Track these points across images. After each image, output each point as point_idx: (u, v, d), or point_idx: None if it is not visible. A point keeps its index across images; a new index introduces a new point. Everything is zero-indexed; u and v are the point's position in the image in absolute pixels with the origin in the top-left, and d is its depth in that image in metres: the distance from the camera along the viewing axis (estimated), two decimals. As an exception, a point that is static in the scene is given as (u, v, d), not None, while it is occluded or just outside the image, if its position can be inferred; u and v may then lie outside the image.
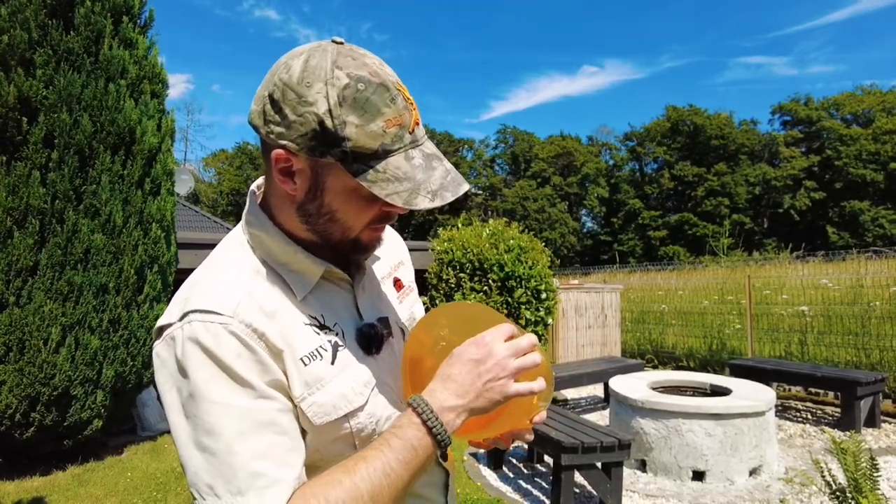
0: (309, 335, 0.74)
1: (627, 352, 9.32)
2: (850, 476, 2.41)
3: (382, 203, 0.71)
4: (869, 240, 36.53)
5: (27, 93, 4.30)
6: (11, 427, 4.19)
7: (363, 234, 0.77)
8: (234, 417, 0.65)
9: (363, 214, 0.74)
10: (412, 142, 0.70)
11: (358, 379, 0.77)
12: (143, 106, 4.94)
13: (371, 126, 0.67)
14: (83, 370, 4.37)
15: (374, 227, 0.77)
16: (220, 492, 0.64)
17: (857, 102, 43.04)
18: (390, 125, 0.68)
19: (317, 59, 0.69)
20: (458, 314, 0.83)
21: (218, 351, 0.66)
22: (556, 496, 3.44)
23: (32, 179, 4.25)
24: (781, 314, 7.73)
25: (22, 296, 4.21)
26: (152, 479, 4.31)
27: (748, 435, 3.97)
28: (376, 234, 0.80)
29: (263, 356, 0.69)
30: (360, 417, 0.76)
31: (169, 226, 5.14)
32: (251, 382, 0.67)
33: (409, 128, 0.70)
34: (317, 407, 0.72)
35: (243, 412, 0.66)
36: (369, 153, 0.68)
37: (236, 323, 0.68)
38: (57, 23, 4.46)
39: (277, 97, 0.69)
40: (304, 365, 0.72)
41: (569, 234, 48.72)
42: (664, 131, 48.30)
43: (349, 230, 0.75)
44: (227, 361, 0.66)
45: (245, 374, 0.67)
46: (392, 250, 1.00)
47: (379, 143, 0.67)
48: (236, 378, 0.66)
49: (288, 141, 0.68)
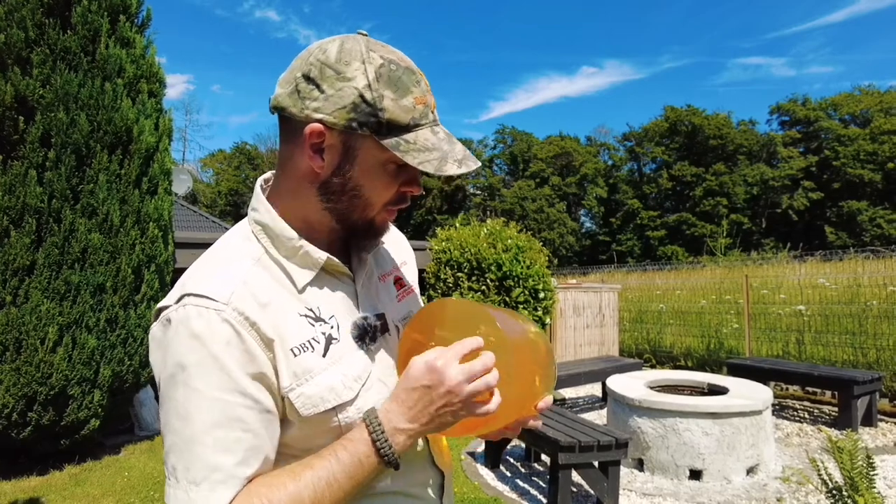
0: (303, 326, 0.75)
1: (625, 351, 9.33)
2: (846, 474, 2.42)
3: (402, 183, 0.77)
4: (866, 240, 36.59)
5: (24, 92, 4.29)
6: (8, 426, 4.19)
7: (379, 215, 0.79)
8: (208, 407, 0.66)
9: (385, 192, 0.77)
10: (434, 121, 0.76)
11: (349, 373, 0.76)
12: (140, 105, 4.94)
13: (404, 101, 0.72)
14: (80, 369, 4.37)
15: (389, 210, 0.80)
16: (179, 476, 0.67)
17: (855, 103, 43.09)
18: (418, 102, 0.73)
19: (350, 43, 0.74)
20: (450, 312, 0.81)
21: (207, 337, 0.67)
22: (554, 495, 3.44)
23: (29, 178, 4.24)
24: (779, 314, 7.74)
25: (19, 295, 4.21)
26: (150, 479, 4.31)
27: (745, 434, 3.98)
28: (389, 218, 0.82)
29: (252, 346, 0.69)
30: (348, 412, 0.75)
31: (166, 225, 5.13)
32: (232, 373, 0.67)
33: (431, 108, 0.76)
34: (304, 398, 0.72)
35: (216, 403, 0.67)
36: (402, 125, 0.72)
37: (229, 311, 0.69)
38: (54, 21, 4.45)
39: (315, 75, 0.72)
40: (294, 356, 0.72)
41: (567, 233, 48.73)
42: (662, 131, 48.33)
43: (370, 208, 0.78)
44: (215, 349, 0.67)
45: (228, 363, 0.67)
46: (397, 249, 1.00)
47: (410, 117, 0.73)
48: (219, 367, 0.67)
49: (325, 115, 0.72)
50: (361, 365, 0.79)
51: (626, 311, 9.86)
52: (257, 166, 50.19)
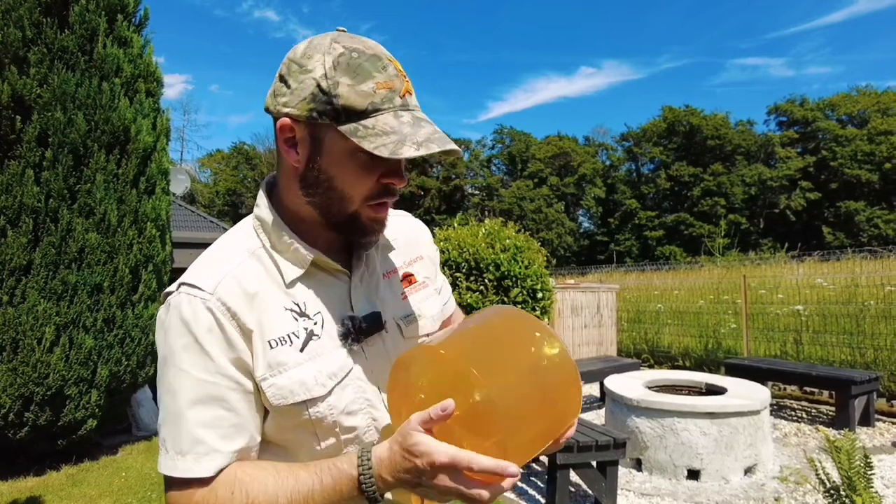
0: (286, 320, 0.77)
1: (623, 351, 9.33)
2: (844, 474, 2.42)
3: (380, 175, 0.75)
4: (864, 240, 36.68)
5: (21, 91, 4.28)
6: (5, 427, 4.17)
7: (363, 211, 0.77)
8: (191, 386, 0.72)
9: (359, 183, 0.75)
10: (402, 105, 0.73)
11: (324, 370, 0.77)
12: (137, 105, 4.93)
13: (361, 87, 0.71)
14: (77, 370, 4.35)
15: (374, 206, 0.78)
16: (168, 447, 0.73)
17: (853, 103, 43.19)
18: (380, 87, 0.72)
19: (318, 39, 0.76)
20: (433, 364, 0.69)
21: (193, 323, 0.73)
22: (552, 495, 3.43)
23: (26, 178, 4.23)
24: (777, 314, 7.75)
25: (15, 295, 4.19)
26: (147, 479, 4.30)
27: (743, 434, 3.98)
28: (377, 216, 0.79)
29: (232, 333, 0.74)
30: (319, 407, 0.77)
31: (164, 225, 5.12)
32: (214, 357, 0.73)
33: (399, 92, 0.73)
34: (275, 389, 0.75)
35: (200, 383, 0.72)
36: (359, 111, 0.71)
37: (214, 300, 0.74)
38: (51, 21, 4.44)
39: (284, 72, 0.75)
40: (271, 348, 0.75)
41: (565, 234, 48.77)
42: (661, 132, 48.39)
43: (347, 201, 0.76)
44: (198, 334, 0.72)
45: (210, 348, 0.73)
46: (412, 244, 0.99)
47: (368, 102, 0.71)
48: (202, 350, 0.72)
49: (291, 108, 0.74)
50: (339, 363, 0.79)
51: (624, 312, 9.86)
52: (255, 166, 50.13)
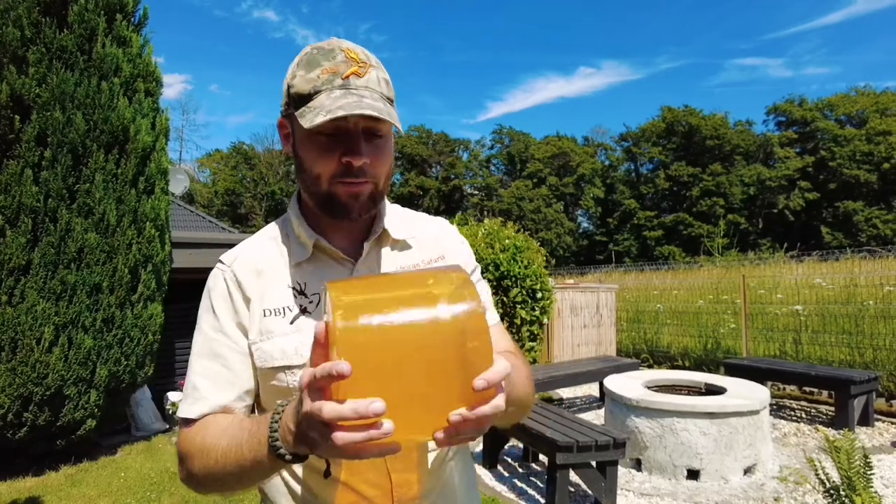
0: (286, 295, 0.87)
1: (623, 351, 9.34)
2: (843, 474, 2.42)
3: (340, 154, 0.80)
4: (863, 240, 36.71)
5: (20, 91, 4.27)
6: (4, 427, 4.17)
7: (335, 188, 0.82)
8: (201, 342, 0.87)
9: (322, 162, 0.81)
10: (342, 85, 0.79)
11: (307, 342, 0.80)
12: (136, 104, 4.92)
13: (309, 75, 0.80)
14: (76, 370, 4.35)
15: (345, 182, 0.81)
16: (183, 390, 0.89)
17: (851, 103, 43.22)
18: (325, 73, 0.79)
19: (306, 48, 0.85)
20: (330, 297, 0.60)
21: (213, 290, 0.89)
22: (552, 495, 3.43)
23: (25, 178, 4.22)
24: (776, 314, 7.76)
25: (14, 295, 4.19)
26: (146, 480, 4.29)
27: (743, 434, 3.98)
28: (351, 191, 0.82)
29: (237, 300, 0.87)
30: (296, 375, 0.83)
31: (163, 225, 5.12)
32: (221, 318, 0.86)
33: (341, 75, 0.79)
34: (261, 352, 0.85)
35: (207, 340, 0.86)
36: (305, 95, 0.80)
37: (229, 272, 0.88)
38: (50, 20, 4.44)
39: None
40: (264, 316, 0.85)
41: (564, 234, 48.78)
42: (659, 132, 48.40)
43: (318, 180, 0.83)
44: (213, 298, 0.88)
45: (220, 311, 0.86)
46: (433, 243, 0.98)
47: (311, 86, 0.79)
48: (214, 312, 0.87)
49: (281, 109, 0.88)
50: None
51: (623, 311, 9.87)
52: (254, 166, 50.10)
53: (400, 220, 0.96)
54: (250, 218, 48.29)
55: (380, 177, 0.85)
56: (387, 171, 0.86)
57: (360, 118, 0.78)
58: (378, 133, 0.82)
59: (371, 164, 0.81)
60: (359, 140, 0.80)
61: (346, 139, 0.79)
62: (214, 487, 0.79)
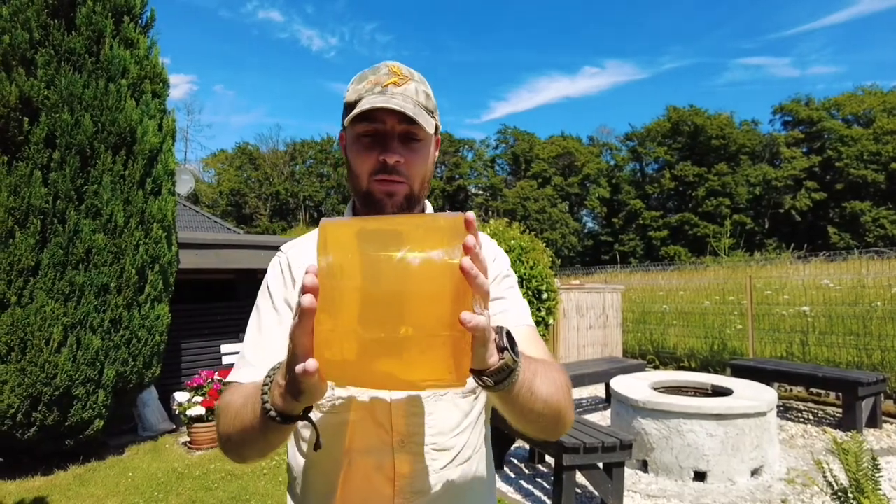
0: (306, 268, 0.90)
1: (628, 352, 9.32)
2: (851, 476, 2.41)
3: (378, 153, 0.88)
4: (870, 240, 36.51)
5: (29, 93, 4.30)
6: (13, 427, 4.20)
7: (373, 186, 0.90)
8: (256, 317, 0.98)
9: (364, 161, 0.90)
10: (381, 91, 0.89)
11: None
12: (144, 106, 4.95)
13: (359, 86, 0.91)
14: (84, 370, 4.38)
15: (380, 181, 0.90)
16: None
17: (858, 103, 42.97)
18: (369, 83, 0.90)
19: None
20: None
21: (270, 271, 1.01)
22: (558, 496, 3.43)
23: (34, 179, 4.25)
24: (783, 314, 7.72)
25: (24, 296, 4.22)
26: (153, 479, 4.31)
27: (749, 435, 3.97)
28: (386, 189, 0.90)
29: (288, 281, 0.97)
30: None
31: (170, 226, 5.14)
32: (273, 297, 0.96)
33: (382, 84, 0.89)
34: None
35: (260, 315, 0.97)
36: (352, 102, 0.91)
37: (283, 257, 1.01)
38: (58, 23, 4.46)
39: None
40: None
41: (570, 234, 48.72)
42: (665, 131, 48.28)
43: (360, 179, 0.92)
44: (269, 279, 1.00)
45: (273, 289, 0.97)
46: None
47: (357, 95, 0.90)
48: (269, 291, 0.98)
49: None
50: None
51: (629, 312, 9.85)
52: (259, 166, 50.26)
53: None
54: (255, 218, 48.43)
55: (414, 178, 0.91)
56: (423, 175, 0.93)
57: (396, 123, 0.87)
58: (416, 137, 0.90)
59: (405, 163, 0.89)
60: (393, 140, 0.89)
61: (383, 140, 0.89)
62: (231, 449, 0.83)
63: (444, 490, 0.90)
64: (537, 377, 0.76)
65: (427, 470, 0.89)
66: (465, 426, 0.93)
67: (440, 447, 0.90)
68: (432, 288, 0.58)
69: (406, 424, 0.88)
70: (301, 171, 51.96)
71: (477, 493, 0.97)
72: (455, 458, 0.92)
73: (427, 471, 0.89)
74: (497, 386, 0.68)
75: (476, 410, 0.96)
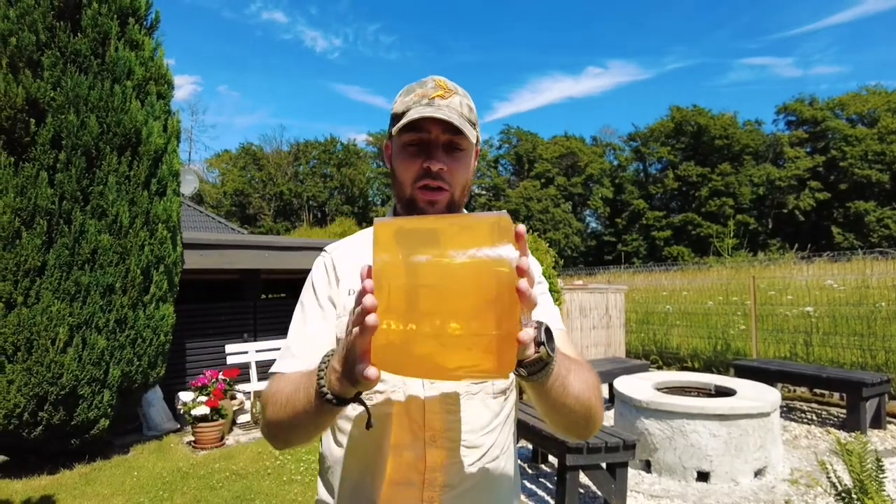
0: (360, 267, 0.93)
1: (632, 352, 9.31)
2: (855, 477, 2.41)
3: (422, 161, 0.94)
4: (874, 240, 36.40)
5: (35, 94, 4.33)
6: (20, 426, 4.22)
7: (416, 194, 0.96)
8: (300, 312, 1.03)
9: (409, 169, 0.96)
10: (427, 104, 0.94)
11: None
12: (149, 107, 4.97)
13: (406, 98, 0.97)
14: (90, 370, 4.40)
15: (422, 189, 0.96)
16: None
17: (863, 102, 42.83)
18: (416, 96, 0.96)
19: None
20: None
21: (315, 270, 1.06)
22: (561, 497, 3.44)
23: (40, 180, 4.28)
24: (786, 315, 7.71)
25: (30, 296, 4.24)
26: (158, 479, 4.33)
27: (753, 436, 3.97)
28: (427, 197, 0.96)
29: (331, 278, 1.03)
30: None
31: (175, 226, 5.16)
32: (318, 293, 1.02)
33: (429, 97, 0.95)
34: (341, 325, 0.97)
35: (305, 311, 1.02)
36: (400, 113, 0.96)
37: (328, 257, 1.07)
38: (64, 25, 4.49)
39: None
40: (348, 295, 0.99)
41: (573, 234, 48.68)
42: (668, 132, 48.22)
43: (404, 186, 0.98)
44: (314, 277, 1.05)
45: (318, 286, 1.03)
46: None
47: (405, 106, 0.96)
48: (314, 288, 1.03)
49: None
50: None
51: (632, 313, 9.84)
52: (262, 167, 50.34)
53: None
54: (259, 218, 48.53)
55: (456, 186, 0.97)
56: (464, 182, 0.99)
57: (441, 132, 0.93)
58: (458, 147, 0.96)
59: (448, 171, 0.95)
60: (438, 149, 0.94)
61: (427, 148, 0.94)
62: (280, 435, 0.88)
63: (471, 485, 0.95)
64: (571, 374, 0.81)
65: (456, 465, 0.94)
66: (494, 426, 0.98)
67: (470, 444, 0.95)
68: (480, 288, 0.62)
69: (438, 421, 0.93)
70: (304, 172, 52.04)
71: (503, 491, 1.01)
72: (484, 456, 0.96)
73: (456, 466, 0.94)
74: (531, 377, 0.73)
75: (505, 412, 1.01)
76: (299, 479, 4.30)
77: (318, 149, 52.57)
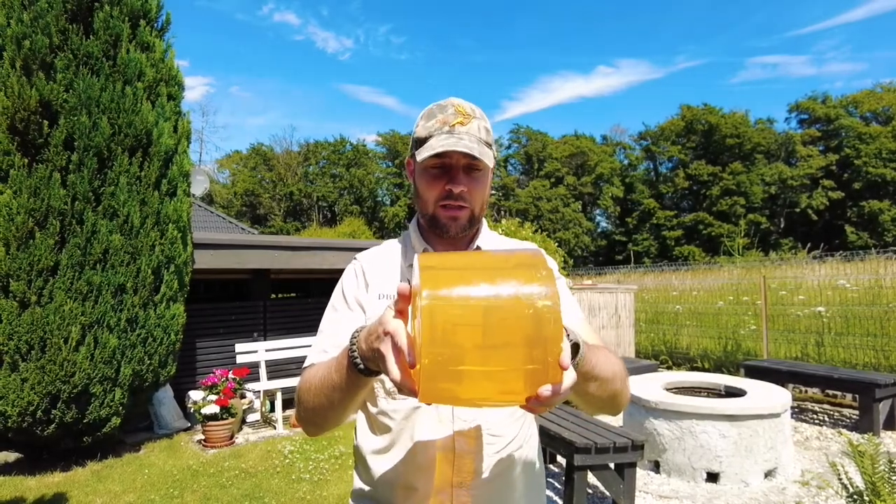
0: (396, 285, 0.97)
1: (641, 353, 9.27)
2: (867, 479, 2.38)
3: (444, 183, 1.03)
4: (888, 240, 35.94)
5: (48, 96, 4.38)
6: (33, 424, 4.28)
7: (438, 211, 1.06)
8: (330, 312, 1.12)
9: (432, 189, 1.05)
10: (448, 131, 1.02)
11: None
12: (159, 108, 5.02)
13: (428, 123, 1.04)
14: (102, 368, 4.45)
15: (444, 206, 1.05)
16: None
17: (877, 100, 42.26)
18: (438, 123, 1.03)
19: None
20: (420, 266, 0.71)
21: (345, 275, 1.15)
22: (569, 497, 3.43)
23: (53, 181, 4.33)
24: (798, 315, 7.64)
25: (43, 295, 4.30)
26: (169, 476, 4.38)
27: (763, 437, 3.94)
28: (449, 214, 1.05)
29: (360, 282, 1.12)
30: None
31: (185, 226, 5.21)
32: (347, 296, 1.11)
33: (450, 124, 1.02)
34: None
35: (335, 311, 1.11)
36: (423, 138, 1.04)
37: (358, 263, 1.15)
38: (77, 27, 4.54)
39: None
40: (378, 299, 1.08)
41: (583, 234, 48.47)
42: (679, 130, 47.86)
43: (426, 204, 1.07)
44: (344, 280, 1.14)
45: (347, 289, 1.12)
46: None
47: (427, 132, 1.04)
48: (343, 291, 1.12)
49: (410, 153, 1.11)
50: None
51: (642, 312, 9.79)
52: (273, 167, 50.59)
53: (495, 241, 1.18)
54: (269, 218, 48.78)
55: (476, 203, 1.06)
56: (482, 199, 1.08)
57: (461, 157, 1.01)
58: (477, 168, 1.03)
59: (469, 191, 1.04)
60: (458, 172, 1.03)
61: (449, 171, 1.03)
62: (314, 418, 0.98)
63: (497, 472, 1.02)
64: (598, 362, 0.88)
65: (483, 453, 1.02)
66: (517, 416, 1.06)
67: (494, 433, 1.02)
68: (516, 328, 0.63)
69: (465, 411, 1.01)
70: (314, 172, 52.23)
71: (528, 481, 1.09)
72: (508, 445, 1.04)
73: (483, 454, 1.02)
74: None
75: None
76: (308, 477, 4.32)
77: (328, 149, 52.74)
